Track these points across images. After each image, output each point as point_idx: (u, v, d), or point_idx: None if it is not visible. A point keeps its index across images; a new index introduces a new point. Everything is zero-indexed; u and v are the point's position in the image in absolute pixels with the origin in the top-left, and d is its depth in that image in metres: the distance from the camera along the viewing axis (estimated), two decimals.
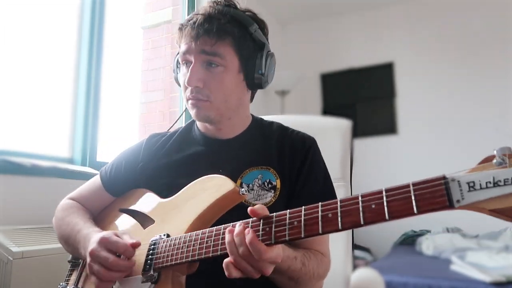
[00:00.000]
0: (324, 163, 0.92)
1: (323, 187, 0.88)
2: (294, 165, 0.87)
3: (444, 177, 0.48)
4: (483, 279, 1.85)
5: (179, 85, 0.92)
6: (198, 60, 0.83)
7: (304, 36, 4.17)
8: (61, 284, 0.88)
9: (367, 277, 1.37)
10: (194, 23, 0.82)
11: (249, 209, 0.60)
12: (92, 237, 0.77)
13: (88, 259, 0.73)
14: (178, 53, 0.90)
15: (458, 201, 0.47)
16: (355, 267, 1.43)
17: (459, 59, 3.55)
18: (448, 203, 0.47)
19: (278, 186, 0.84)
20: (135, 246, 0.73)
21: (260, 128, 0.95)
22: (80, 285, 0.85)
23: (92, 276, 0.72)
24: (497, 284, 1.79)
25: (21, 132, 1.64)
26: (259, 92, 0.97)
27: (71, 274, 0.91)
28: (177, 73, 0.92)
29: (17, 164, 1.38)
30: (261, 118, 0.99)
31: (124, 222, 0.89)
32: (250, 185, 0.84)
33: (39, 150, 1.65)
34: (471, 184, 0.47)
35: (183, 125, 1.01)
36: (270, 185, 0.84)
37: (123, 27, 2.29)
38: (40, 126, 1.72)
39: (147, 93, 2.45)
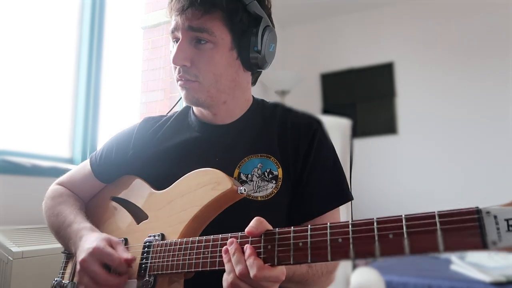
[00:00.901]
0: (332, 146, 0.84)
1: (332, 174, 0.81)
2: (298, 152, 0.79)
3: (477, 210, 0.41)
4: (483, 279, 1.85)
5: None
6: (186, 37, 0.75)
7: (304, 36, 4.17)
8: (55, 279, 0.85)
9: (367, 277, 1.37)
10: None
11: (246, 230, 0.56)
12: (83, 236, 0.73)
13: (78, 267, 0.69)
14: None
15: (494, 242, 0.39)
16: (355, 267, 1.43)
17: (459, 59, 3.54)
18: (482, 245, 0.39)
19: (280, 176, 0.77)
20: (130, 262, 0.67)
21: (261, 112, 0.86)
22: (75, 279, 0.80)
23: (80, 286, 0.69)
24: (497, 284, 1.79)
25: (21, 132, 1.63)
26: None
27: (66, 266, 0.87)
28: None
29: (17, 164, 1.38)
30: (262, 100, 0.89)
31: (117, 215, 0.85)
32: (249, 176, 0.77)
33: (39, 150, 1.65)
34: (511, 222, 0.39)
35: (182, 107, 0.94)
36: (271, 175, 0.77)
37: (123, 27, 2.28)
38: (40, 126, 1.72)
39: (147, 93, 2.45)
